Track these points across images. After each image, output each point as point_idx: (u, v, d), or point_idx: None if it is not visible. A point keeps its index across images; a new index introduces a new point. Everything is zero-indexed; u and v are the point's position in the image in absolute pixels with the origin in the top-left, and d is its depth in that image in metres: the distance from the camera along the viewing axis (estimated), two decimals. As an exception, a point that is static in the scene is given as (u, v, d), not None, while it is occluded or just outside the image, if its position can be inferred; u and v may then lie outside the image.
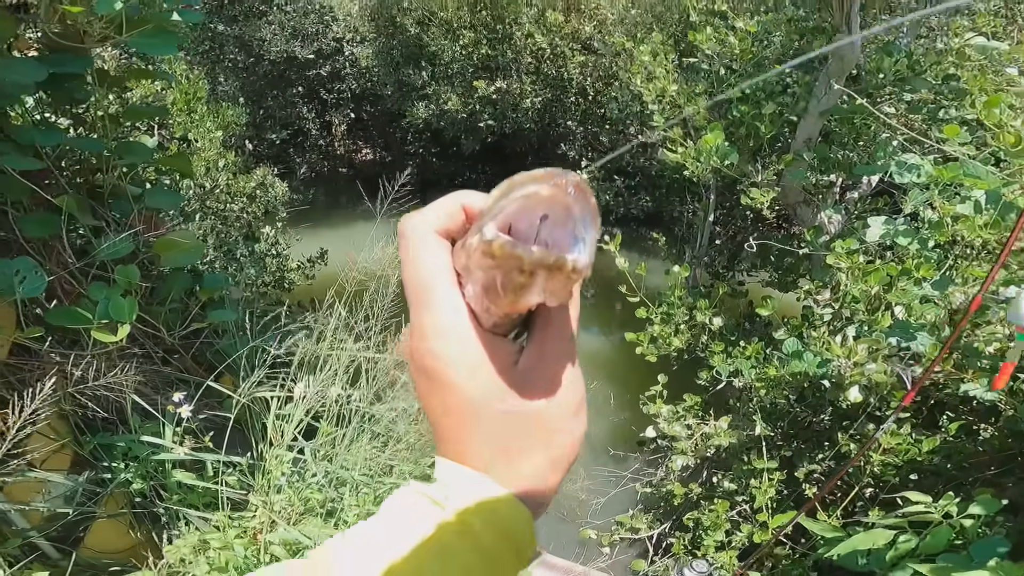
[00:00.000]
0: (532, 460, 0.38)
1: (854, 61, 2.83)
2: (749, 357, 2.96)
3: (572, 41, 7.65)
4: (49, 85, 1.71)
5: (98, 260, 1.86)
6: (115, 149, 1.96)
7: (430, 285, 0.37)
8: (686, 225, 5.67)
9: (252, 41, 8.28)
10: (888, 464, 2.51)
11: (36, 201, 1.82)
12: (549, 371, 0.38)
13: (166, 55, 2.31)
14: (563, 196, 0.32)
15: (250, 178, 5.01)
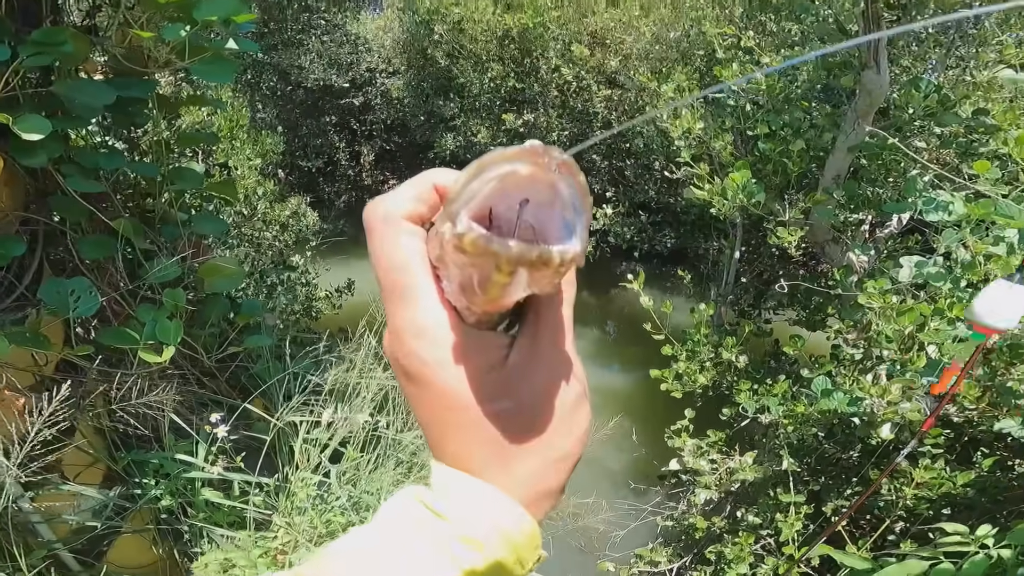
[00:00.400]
0: (530, 461, 0.35)
1: (883, 95, 2.84)
2: (776, 395, 2.95)
3: (598, 75, 7.77)
4: (114, 109, 1.76)
5: (148, 283, 1.93)
6: (168, 174, 2.05)
7: (403, 280, 0.34)
8: (711, 262, 5.67)
9: (291, 69, 8.53)
10: (921, 497, 2.49)
11: (94, 223, 1.90)
12: (543, 365, 0.36)
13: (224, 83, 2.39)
14: (546, 175, 0.28)
15: (285, 207, 5.13)
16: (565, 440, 0.36)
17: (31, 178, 1.77)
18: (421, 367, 0.34)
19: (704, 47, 5.97)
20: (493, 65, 7.76)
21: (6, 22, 1.54)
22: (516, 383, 0.35)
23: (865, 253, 3.04)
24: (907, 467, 2.52)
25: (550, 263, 0.27)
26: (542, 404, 0.36)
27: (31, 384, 2.03)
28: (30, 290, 1.78)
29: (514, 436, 0.35)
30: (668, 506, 3.84)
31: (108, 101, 1.64)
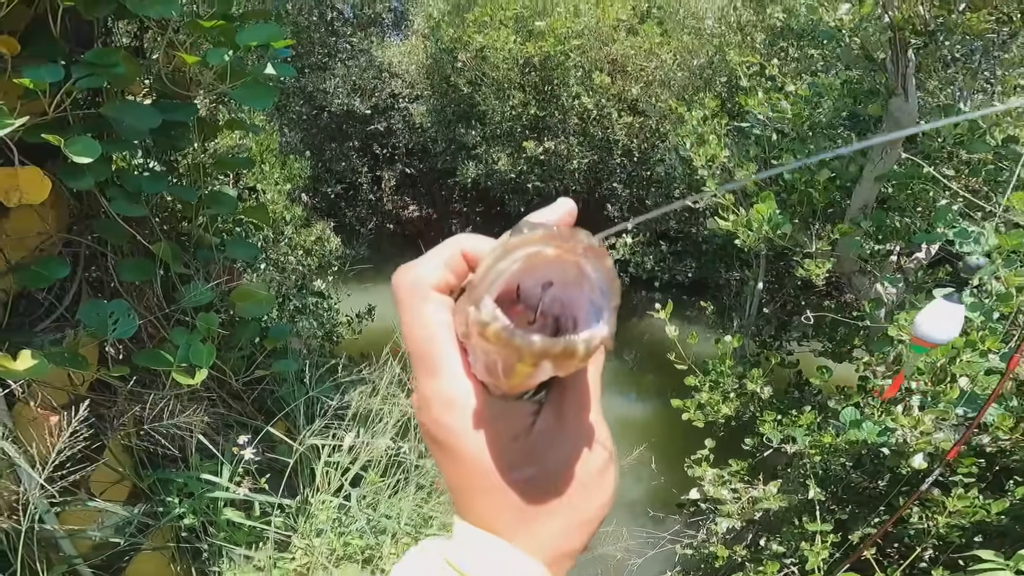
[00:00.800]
0: (554, 523, 0.36)
1: (911, 123, 2.83)
2: (802, 425, 2.92)
3: (618, 102, 7.80)
4: (157, 131, 1.79)
5: (182, 306, 1.97)
6: (206, 198, 2.09)
7: (431, 351, 0.35)
8: (733, 293, 5.64)
9: (316, 93, 8.68)
10: (953, 526, 2.46)
11: (133, 246, 1.94)
12: (569, 433, 0.36)
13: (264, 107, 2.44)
14: (573, 256, 0.28)
15: (310, 232, 5.20)
16: (589, 504, 0.37)
17: (75, 200, 1.82)
18: (448, 435, 0.35)
19: (727, 74, 5.99)
20: (514, 93, 7.85)
21: (60, 43, 1.59)
22: (541, 451, 0.36)
23: (894, 285, 3.01)
24: (939, 496, 2.51)
25: (575, 355, 0.27)
26: (566, 470, 0.36)
27: (65, 402, 2.06)
28: (69, 311, 1.81)
29: (537, 501, 0.36)
30: (687, 534, 3.80)
31: (154, 124, 1.67)
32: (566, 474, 0.36)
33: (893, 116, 2.82)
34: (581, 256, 0.28)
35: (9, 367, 1.60)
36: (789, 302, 4.64)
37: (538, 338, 0.26)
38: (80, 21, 1.71)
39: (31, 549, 1.93)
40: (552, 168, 8.04)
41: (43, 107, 1.48)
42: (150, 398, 1.95)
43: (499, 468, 0.35)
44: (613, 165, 8.12)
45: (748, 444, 3.29)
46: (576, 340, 0.27)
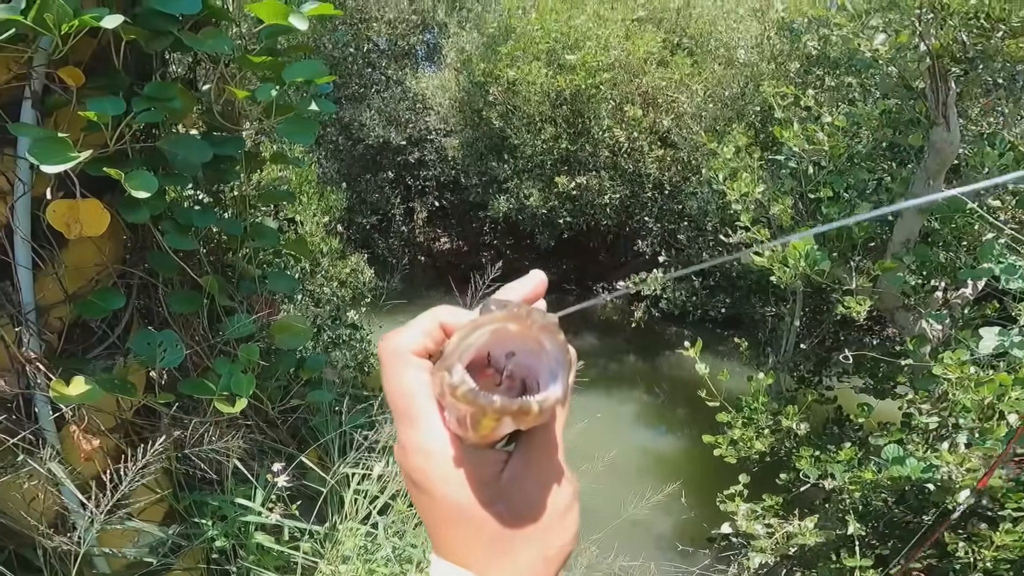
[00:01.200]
0: (522, 557, 0.40)
1: (954, 153, 2.78)
2: (841, 461, 2.85)
3: (650, 134, 7.79)
4: (208, 165, 1.86)
5: (225, 337, 2.01)
6: (250, 231, 2.15)
7: (410, 406, 0.40)
8: (768, 329, 5.54)
9: (353, 124, 8.86)
10: (1001, 560, 2.40)
11: (183, 278, 2.00)
12: (535, 479, 0.41)
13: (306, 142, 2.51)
14: (532, 331, 0.34)
15: (345, 264, 5.28)
16: (557, 537, 0.41)
17: (130, 232, 1.89)
18: (426, 481, 0.40)
19: (760, 104, 5.96)
20: (546, 127, 7.91)
21: (122, 75, 1.66)
22: (510, 493, 0.40)
23: (940, 322, 2.93)
24: (987, 531, 2.49)
25: (530, 412, 0.32)
26: (534, 507, 0.41)
27: (112, 426, 2.11)
28: (120, 339, 1.87)
29: (506, 535, 0.40)
30: (717, 569, 3.74)
31: (206, 158, 1.74)
32: (533, 512, 0.40)
33: (935, 146, 2.78)
34: (538, 332, 0.34)
35: (63, 392, 1.65)
36: (828, 338, 4.54)
37: (498, 398, 0.32)
38: (140, 54, 1.78)
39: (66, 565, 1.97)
40: (583, 203, 8.05)
41: (104, 139, 1.54)
42: (191, 424, 1.98)
43: (473, 510, 0.39)
44: (644, 199, 8.08)
45: (783, 479, 3.23)
46: (530, 400, 0.33)
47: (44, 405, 1.79)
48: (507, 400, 0.32)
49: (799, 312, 4.16)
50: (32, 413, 1.80)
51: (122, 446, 2.15)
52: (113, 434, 2.11)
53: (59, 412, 1.82)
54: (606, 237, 8.69)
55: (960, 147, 2.82)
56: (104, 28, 1.44)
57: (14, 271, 1.67)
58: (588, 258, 9.06)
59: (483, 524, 0.39)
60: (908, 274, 2.90)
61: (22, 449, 1.71)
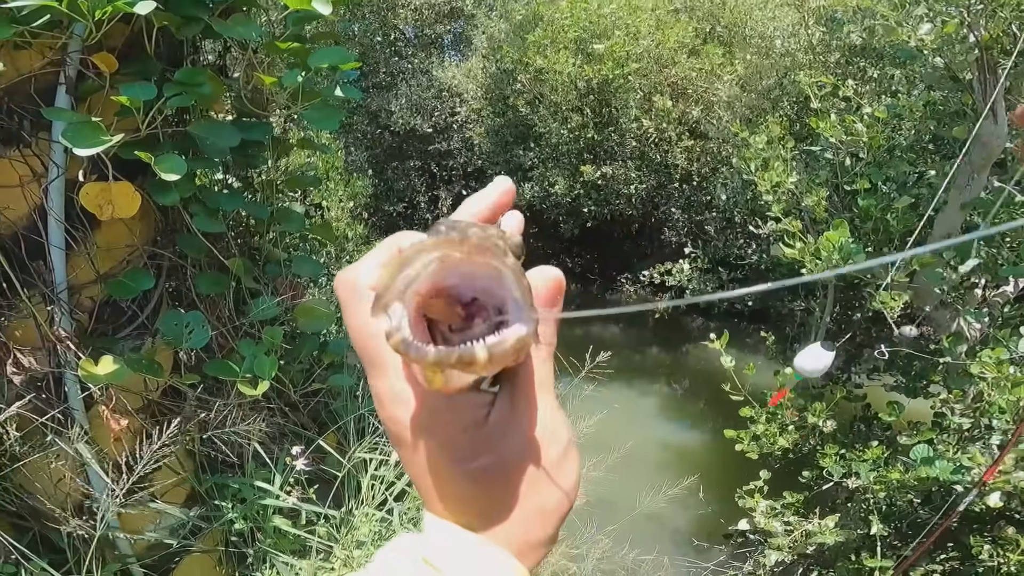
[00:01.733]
0: (516, 512, 0.36)
1: (1000, 146, 2.68)
2: (868, 460, 2.79)
3: (678, 125, 7.71)
4: (235, 150, 1.86)
5: (250, 319, 2.03)
6: (276, 215, 2.16)
7: (378, 350, 0.35)
8: (797, 324, 5.44)
9: (381, 112, 8.89)
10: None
11: (211, 260, 2.02)
12: (522, 423, 0.37)
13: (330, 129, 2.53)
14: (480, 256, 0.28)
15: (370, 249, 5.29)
16: (552, 491, 0.37)
17: (160, 214, 1.91)
18: (404, 431, 0.36)
19: (796, 95, 5.82)
20: (572, 115, 7.85)
21: (154, 61, 1.68)
22: (496, 441, 0.36)
23: (979, 320, 2.84)
24: (1014, 534, 2.44)
25: (474, 362, 0.27)
26: (524, 458, 0.36)
27: (140, 407, 2.14)
28: (149, 320, 1.89)
29: (494, 490, 0.36)
30: (732, 565, 3.72)
31: (235, 143, 1.74)
32: (522, 463, 0.36)
33: (981, 140, 2.68)
34: (479, 256, 0.28)
35: (91, 371, 1.67)
36: (859, 334, 4.44)
37: (432, 349, 0.27)
38: (171, 40, 1.80)
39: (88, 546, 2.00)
40: (608, 192, 8.00)
41: (136, 124, 1.56)
42: (215, 405, 2.00)
43: (450, 459, 0.36)
44: (671, 190, 8.01)
45: (805, 477, 3.19)
46: (473, 348, 0.27)
47: (74, 384, 1.81)
48: (442, 351, 0.27)
49: (830, 307, 4.06)
50: (62, 393, 1.83)
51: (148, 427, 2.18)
52: (140, 415, 2.14)
53: (88, 392, 1.84)
54: (631, 227, 8.62)
55: (1007, 141, 2.71)
56: (137, 14, 1.44)
57: (47, 251, 1.69)
58: (612, 248, 9.02)
59: (470, 477, 0.36)
60: (947, 270, 2.81)
61: (51, 429, 1.74)
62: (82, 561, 1.98)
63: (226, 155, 1.82)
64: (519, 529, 0.36)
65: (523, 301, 0.29)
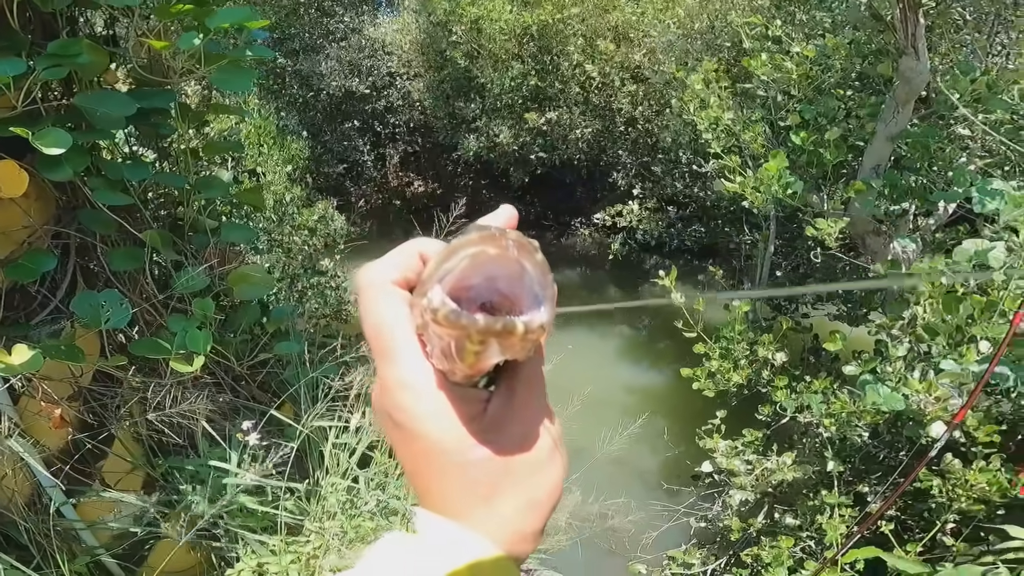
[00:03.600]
0: (511, 503, 0.38)
1: (923, 83, 2.73)
2: (817, 392, 2.85)
3: (621, 70, 7.66)
4: (137, 119, 1.78)
5: (178, 293, 1.94)
6: (196, 184, 2.05)
7: (390, 339, 0.37)
8: (744, 257, 5.55)
9: (311, 76, 8.59)
10: (976, 499, 2.38)
11: (122, 235, 1.91)
12: (520, 417, 0.39)
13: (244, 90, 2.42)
14: (510, 252, 0.32)
15: (312, 211, 5.16)
16: (545, 480, 0.39)
17: (60, 192, 1.78)
18: (408, 419, 0.37)
19: (731, 38, 5.83)
20: (513, 64, 7.70)
21: (20, 35, 1.54)
22: (495, 432, 0.38)
23: (913, 241, 2.92)
24: (960, 470, 2.42)
25: (515, 332, 0.31)
26: (518, 452, 0.38)
27: (70, 394, 2.05)
28: (64, 303, 1.79)
29: (495, 480, 0.37)
30: (702, 507, 3.75)
31: (129, 112, 1.64)
32: (519, 454, 0.38)
33: (904, 76, 2.72)
34: (517, 253, 0.32)
35: (5, 361, 1.57)
36: (802, 265, 4.55)
37: (481, 317, 0.30)
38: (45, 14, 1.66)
39: (51, 541, 1.95)
40: (555, 138, 7.95)
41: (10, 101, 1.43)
42: (151, 388, 1.93)
43: (458, 448, 0.37)
44: (617, 134, 8.00)
45: (762, 414, 3.22)
46: (514, 319, 0.31)
47: (-6, 378, 1.72)
48: (490, 319, 0.30)
49: (773, 238, 4.14)
50: (-19, 387, 1.74)
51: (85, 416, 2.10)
52: (72, 403, 2.05)
53: (8, 383, 1.75)
54: (580, 172, 8.63)
55: (929, 77, 2.76)
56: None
57: (-65, 240, 1.57)
58: (564, 193, 9.03)
59: (468, 467, 0.37)
60: (878, 198, 2.87)
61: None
62: (47, 556, 1.93)
63: (121, 125, 1.70)
64: (514, 519, 0.38)
65: (542, 297, 0.32)
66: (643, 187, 7.43)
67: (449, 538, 0.37)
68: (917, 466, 2.11)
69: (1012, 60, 3.72)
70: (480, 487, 0.37)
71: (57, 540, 2.01)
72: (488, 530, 0.37)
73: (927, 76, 2.72)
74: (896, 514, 2.79)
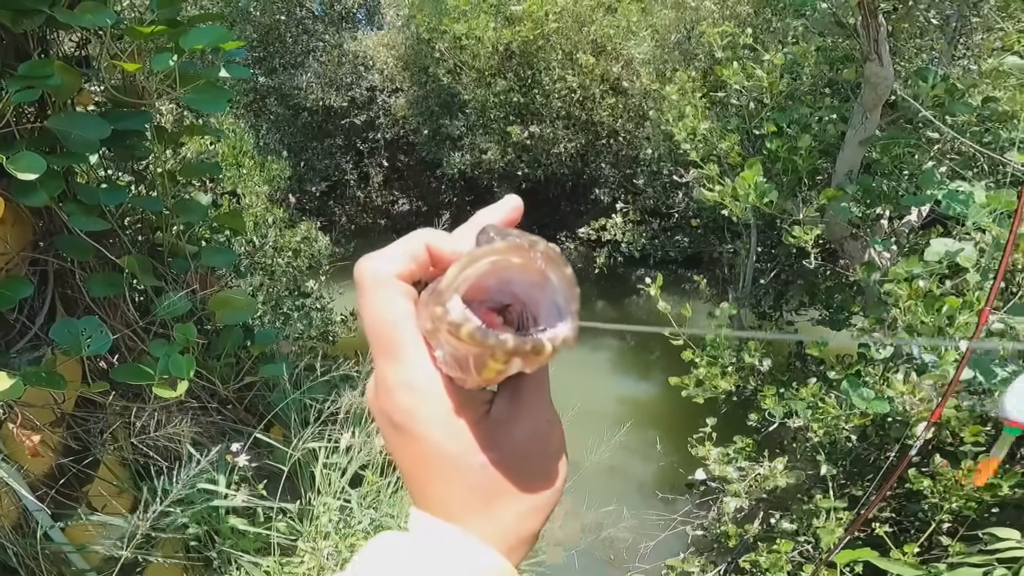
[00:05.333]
0: (511, 508, 0.37)
1: (888, 88, 2.78)
2: (804, 398, 2.86)
3: (601, 83, 7.74)
4: (111, 142, 1.76)
5: (159, 318, 1.93)
6: (173, 207, 2.05)
7: (393, 337, 0.35)
8: (727, 266, 5.59)
9: (290, 91, 8.58)
10: (968, 499, 2.39)
11: (101, 260, 1.90)
12: (524, 420, 0.38)
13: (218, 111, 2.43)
14: (535, 264, 0.30)
15: (295, 232, 5.15)
16: (545, 490, 0.38)
17: (37, 217, 1.78)
18: (410, 421, 0.36)
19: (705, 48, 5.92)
20: (497, 80, 7.77)
21: None
22: (499, 436, 0.37)
23: (887, 248, 2.97)
24: (949, 471, 2.44)
25: (542, 352, 0.29)
26: (523, 455, 0.37)
27: (52, 420, 2.03)
28: (44, 330, 1.78)
29: (497, 485, 0.36)
30: (698, 514, 3.74)
31: (103, 135, 1.63)
32: (523, 459, 0.37)
33: (870, 82, 2.78)
34: (544, 263, 0.30)
35: (-16, 390, 1.56)
36: (784, 271, 4.60)
37: (510, 337, 0.29)
38: (16, 35, 1.66)
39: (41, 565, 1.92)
40: (539, 153, 8.00)
41: (-20, 126, 1.43)
42: (133, 412, 1.92)
43: (461, 453, 0.36)
44: (600, 147, 8.09)
45: (752, 420, 3.22)
46: (544, 339, 0.29)
47: (-28, 406, 1.70)
48: (520, 339, 0.29)
49: (754, 246, 4.19)
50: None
51: (68, 441, 2.08)
52: (55, 428, 2.03)
53: (-9, 411, 1.73)
54: (565, 186, 8.70)
55: (893, 82, 2.82)
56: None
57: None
58: (549, 208, 9.09)
59: (470, 471, 0.36)
60: (853, 204, 2.91)
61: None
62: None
63: (96, 148, 1.70)
64: (515, 524, 0.37)
65: (566, 308, 0.31)
66: (626, 200, 7.49)
67: (447, 541, 0.36)
68: (898, 468, 2.11)
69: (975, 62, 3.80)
70: (481, 492, 0.36)
71: (47, 564, 1.99)
72: (487, 534, 0.36)
73: (891, 81, 2.77)
74: (892, 515, 2.80)
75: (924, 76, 2.77)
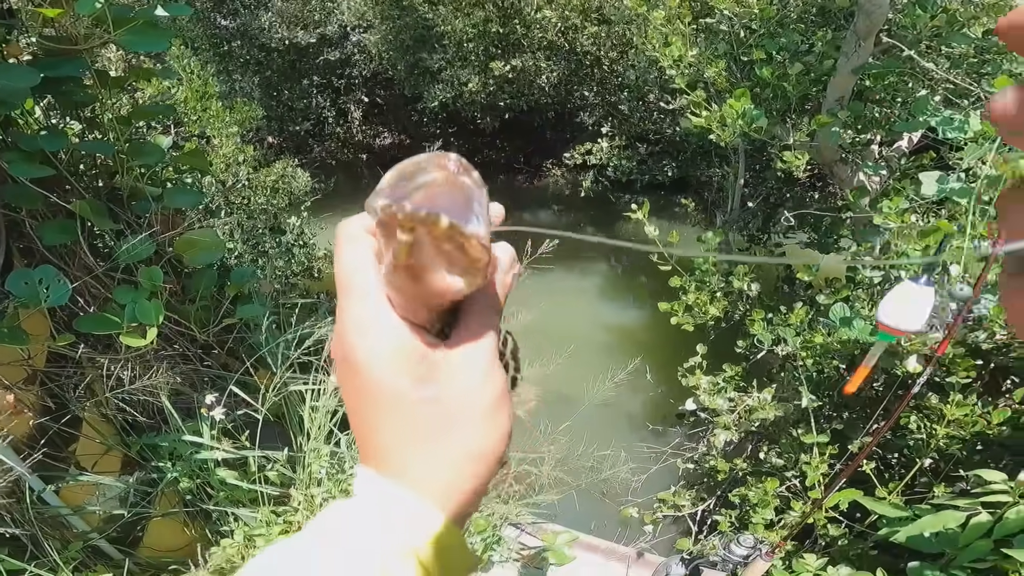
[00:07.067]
0: (450, 451, 0.37)
1: (883, 16, 2.65)
2: (792, 324, 2.83)
3: (582, 13, 7.48)
4: (46, 89, 1.69)
5: (121, 263, 1.84)
6: (128, 150, 1.93)
7: (354, 280, 0.37)
8: (715, 189, 5.50)
9: (255, 32, 8.25)
10: (953, 437, 2.35)
11: (53, 208, 1.80)
12: (466, 362, 0.37)
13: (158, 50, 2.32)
14: (454, 177, 0.33)
15: (270, 171, 5.01)
16: (486, 433, 0.38)
17: (-23, 169, 1.67)
18: (360, 357, 0.36)
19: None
20: (474, 11, 7.45)
21: None
22: (440, 375, 0.37)
23: (877, 172, 2.89)
24: (937, 403, 2.39)
25: (439, 223, 0.31)
26: (462, 399, 0.37)
27: (24, 378, 1.97)
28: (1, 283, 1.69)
29: (437, 424, 0.36)
30: (688, 447, 3.73)
31: (33, 83, 1.54)
32: (463, 402, 0.37)
33: (864, 9, 2.64)
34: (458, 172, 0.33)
35: (-57, 349, 1.50)
36: (772, 195, 4.52)
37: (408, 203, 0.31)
38: None
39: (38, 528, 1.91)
40: (522, 84, 7.78)
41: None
42: (106, 364, 1.86)
43: (405, 388, 0.36)
44: (583, 75, 7.87)
45: (740, 347, 3.19)
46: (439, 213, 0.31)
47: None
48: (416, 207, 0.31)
49: (743, 171, 4.10)
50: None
51: (45, 400, 2.03)
52: (29, 386, 1.98)
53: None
54: (548, 114, 8.50)
55: (888, 8, 2.67)
56: None
57: None
58: (534, 137, 8.92)
59: (411, 411, 0.36)
60: (843, 129, 2.82)
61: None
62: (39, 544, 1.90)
63: (26, 96, 1.60)
64: (448, 469, 0.37)
65: (483, 214, 0.33)
66: (611, 125, 7.30)
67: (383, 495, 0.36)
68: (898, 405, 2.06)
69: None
70: (421, 433, 0.36)
71: (46, 528, 1.98)
72: (424, 476, 0.36)
73: (887, 9, 2.64)
74: (876, 450, 2.79)
75: (923, 5, 2.63)
